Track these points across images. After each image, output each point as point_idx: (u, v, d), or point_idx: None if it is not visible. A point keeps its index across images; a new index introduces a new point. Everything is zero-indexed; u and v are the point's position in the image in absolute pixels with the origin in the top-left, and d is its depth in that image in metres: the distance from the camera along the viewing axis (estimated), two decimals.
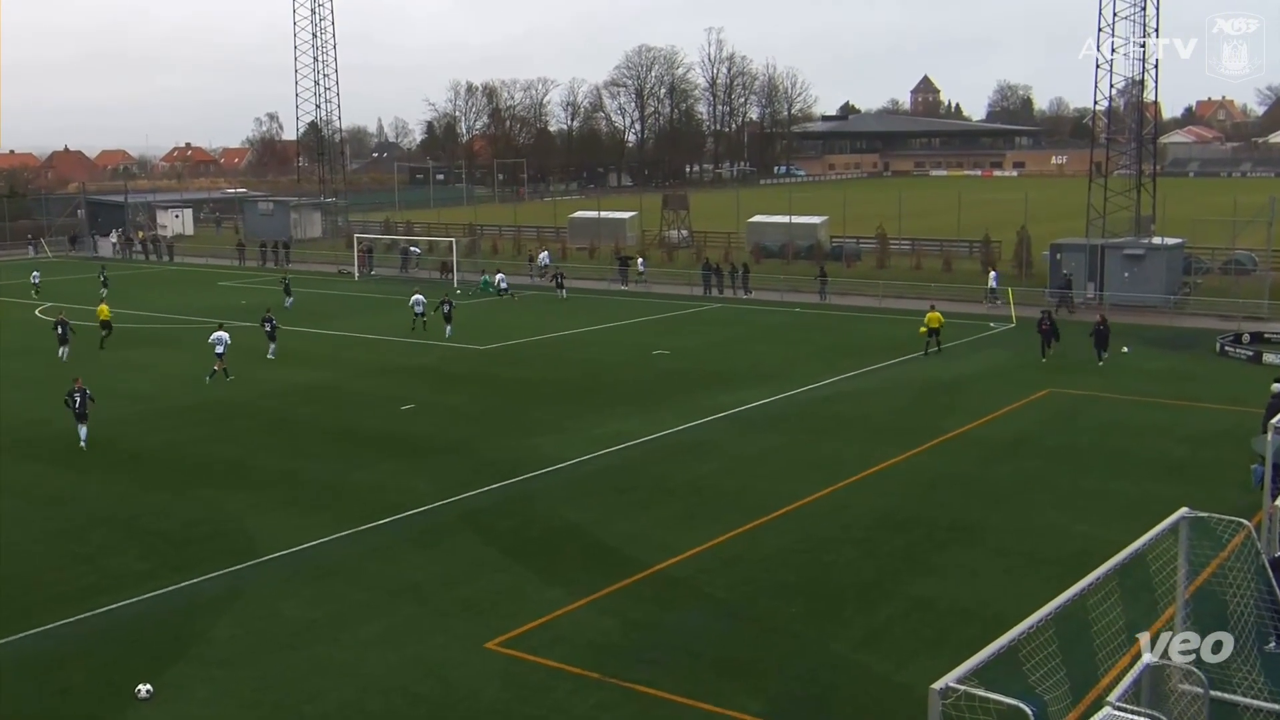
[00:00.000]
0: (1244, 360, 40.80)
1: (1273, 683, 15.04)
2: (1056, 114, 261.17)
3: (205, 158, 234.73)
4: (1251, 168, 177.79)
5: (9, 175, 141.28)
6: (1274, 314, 49.79)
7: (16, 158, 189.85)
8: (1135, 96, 60.05)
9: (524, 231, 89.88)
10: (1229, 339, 42.88)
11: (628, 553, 22.12)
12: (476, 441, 30.56)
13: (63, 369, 39.38)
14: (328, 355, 43.60)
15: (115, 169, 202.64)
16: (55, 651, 18.22)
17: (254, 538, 23.23)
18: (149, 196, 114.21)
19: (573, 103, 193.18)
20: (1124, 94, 60.46)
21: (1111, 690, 13.22)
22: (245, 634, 18.72)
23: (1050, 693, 12.46)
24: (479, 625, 18.86)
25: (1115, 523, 22.91)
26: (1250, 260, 59.11)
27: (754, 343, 46.08)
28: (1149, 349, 43.12)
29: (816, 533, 23.21)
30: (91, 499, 26.11)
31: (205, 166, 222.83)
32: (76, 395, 30.52)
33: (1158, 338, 45.68)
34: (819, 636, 18.46)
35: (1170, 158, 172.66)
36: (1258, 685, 14.76)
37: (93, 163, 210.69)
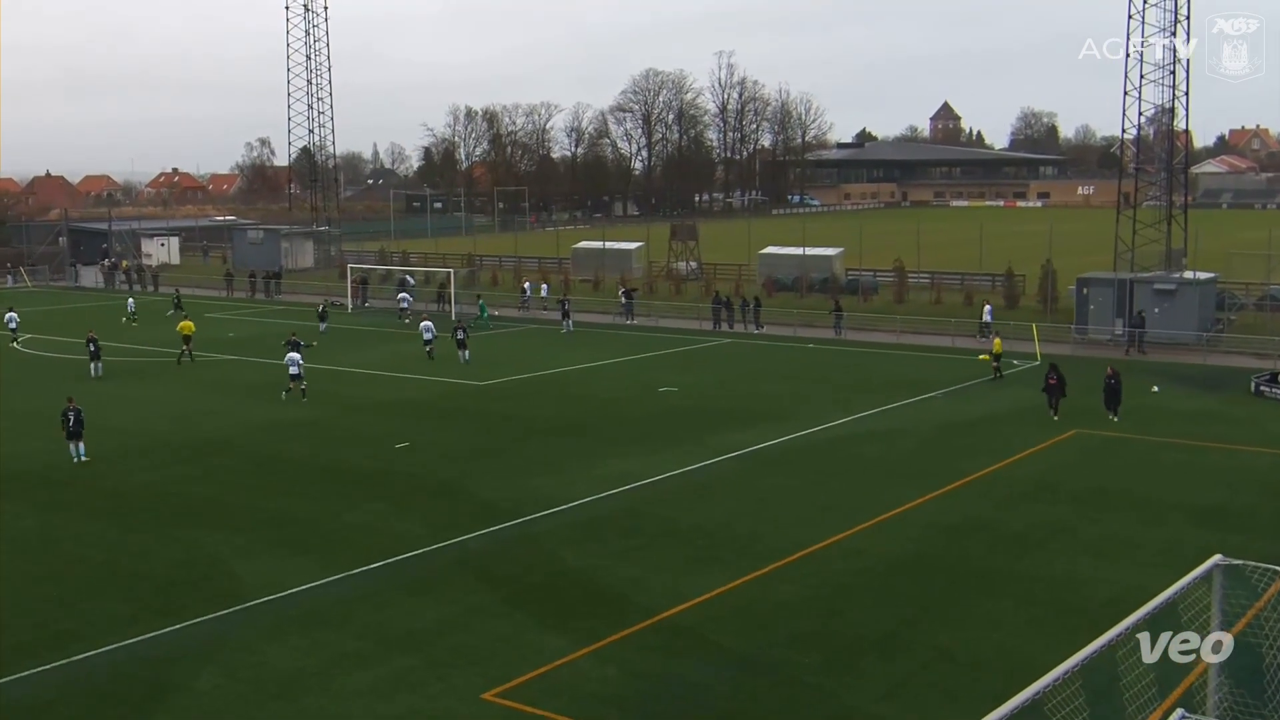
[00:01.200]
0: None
1: None
2: (1083, 142, 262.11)
3: (193, 184, 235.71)
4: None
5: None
6: None
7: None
8: (1165, 125, 60.23)
9: (525, 263, 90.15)
10: (1264, 378, 42.77)
11: (632, 599, 22.08)
12: (474, 481, 30.56)
13: (43, 404, 39.45)
14: (318, 390, 43.61)
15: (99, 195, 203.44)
16: (30, 701, 18.18)
17: (240, 581, 23.21)
18: (134, 224, 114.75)
19: (577, 128, 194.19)
20: (1153, 122, 60.67)
21: None
22: (230, 683, 18.67)
23: None
24: (475, 675, 18.81)
25: (1145, 570, 22.85)
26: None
27: (765, 380, 46.11)
28: (1180, 388, 43.09)
29: (832, 579, 23.16)
30: (70, 539, 26.11)
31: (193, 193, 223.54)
32: (70, 414, 31.91)
33: (1189, 376, 45.67)
34: (835, 689, 18.39)
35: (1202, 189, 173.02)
36: None
37: (75, 188, 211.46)
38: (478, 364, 49.05)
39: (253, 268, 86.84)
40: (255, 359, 51.51)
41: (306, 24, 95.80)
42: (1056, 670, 11.68)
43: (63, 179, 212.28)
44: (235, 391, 43.78)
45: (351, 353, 52.52)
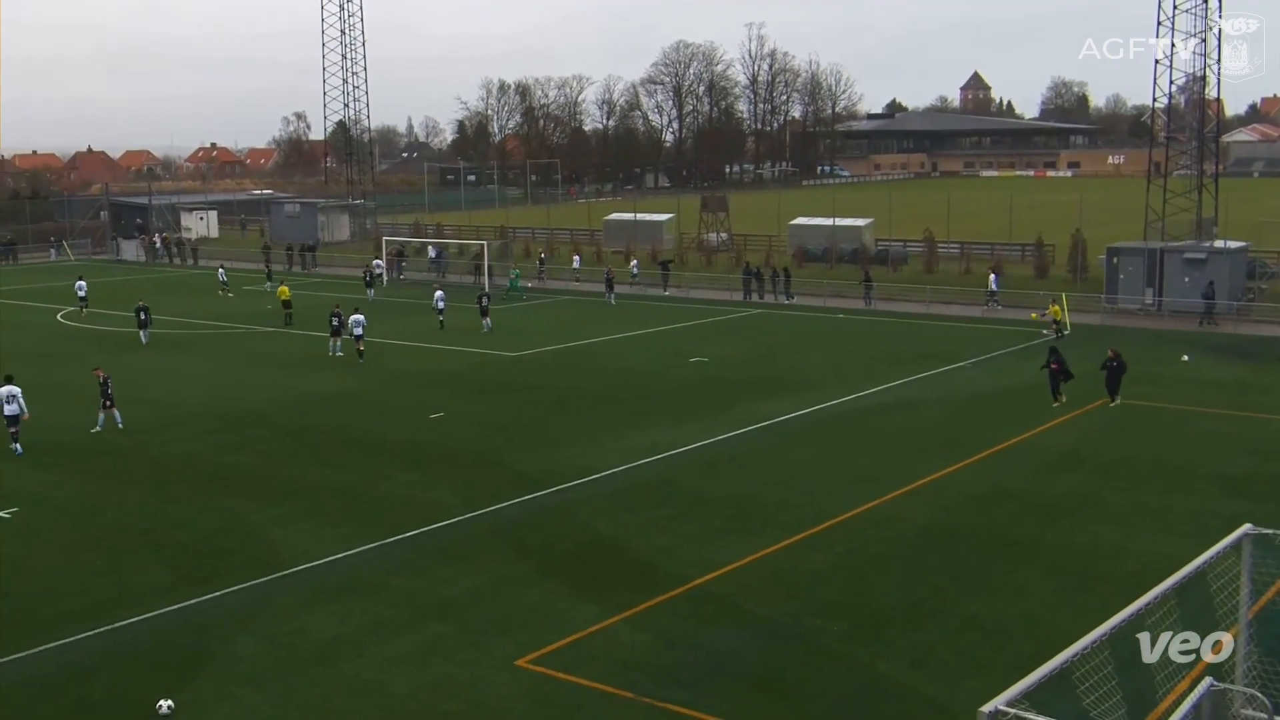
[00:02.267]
0: None
1: None
2: (1113, 111, 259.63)
3: (231, 158, 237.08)
4: None
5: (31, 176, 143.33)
6: None
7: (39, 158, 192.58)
8: (1196, 93, 59.45)
9: (557, 234, 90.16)
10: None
11: (664, 567, 22.09)
12: (507, 451, 30.63)
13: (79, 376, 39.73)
14: (353, 361, 43.81)
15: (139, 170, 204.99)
16: (74, 666, 18.38)
17: (277, 550, 23.37)
18: (173, 198, 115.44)
19: (609, 101, 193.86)
20: (1184, 90, 59.87)
21: (1171, 714, 13.07)
22: (268, 650, 18.82)
23: (1105, 716, 12.33)
24: (509, 643, 18.87)
25: (1174, 539, 22.68)
26: None
27: (796, 350, 45.98)
28: (1211, 357, 42.68)
29: (860, 548, 23.10)
30: (111, 508, 26.35)
31: (231, 167, 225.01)
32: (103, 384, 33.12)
33: (1220, 345, 45.22)
34: (864, 656, 18.35)
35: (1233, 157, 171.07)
36: None
37: (116, 163, 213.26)
38: (511, 334, 49.11)
39: (290, 240, 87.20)
40: (292, 331, 51.78)
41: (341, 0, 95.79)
42: (1085, 639, 11.59)
43: (104, 154, 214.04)
44: (273, 363, 44.01)
45: (387, 323, 52.64)
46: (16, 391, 31.16)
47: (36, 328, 54.31)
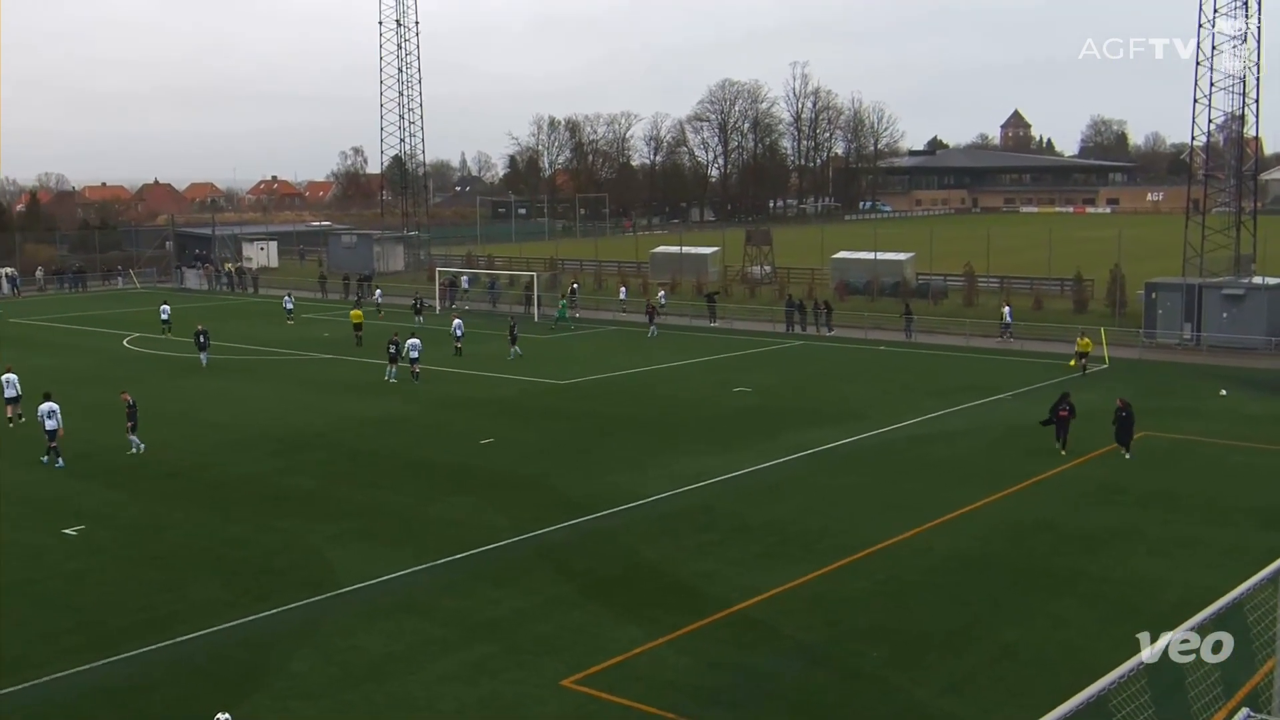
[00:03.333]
0: None
1: None
2: (1152, 149, 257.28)
3: (290, 190, 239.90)
4: None
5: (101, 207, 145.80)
6: None
7: (109, 190, 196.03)
8: (1235, 132, 58.92)
9: (605, 266, 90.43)
10: None
11: (706, 592, 22.07)
12: (554, 477, 30.73)
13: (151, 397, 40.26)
14: (408, 388, 44.12)
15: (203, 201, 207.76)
16: (136, 678, 18.60)
17: (333, 569, 23.55)
18: (235, 229, 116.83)
19: (656, 137, 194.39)
20: (1223, 129, 59.38)
21: None
22: (323, 666, 18.96)
23: None
24: (555, 662, 18.92)
25: (1211, 572, 22.39)
26: None
27: (837, 381, 45.85)
28: (1248, 392, 42.15)
29: (900, 575, 22.98)
30: (174, 527, 26.66)
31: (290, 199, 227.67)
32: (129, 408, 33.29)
33: (1258, 380, 44.64)
34: (902, 682, 18.25)
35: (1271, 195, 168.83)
36: None
37: (181, 195, 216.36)
38: (559, 363, 49.29)
39: (346, 270, 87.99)
40: (349, 358, 52.23)
41: (399, 39, 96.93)
42: (1121, 668, 11.51)
43: (170, 186, 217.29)
44: (330, 389, 44.41)
45: (439, 351, 52.99)
46: (55, 408, 32.31)
47: (105, 352, 55.08)
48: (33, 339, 59.99)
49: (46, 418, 32.24)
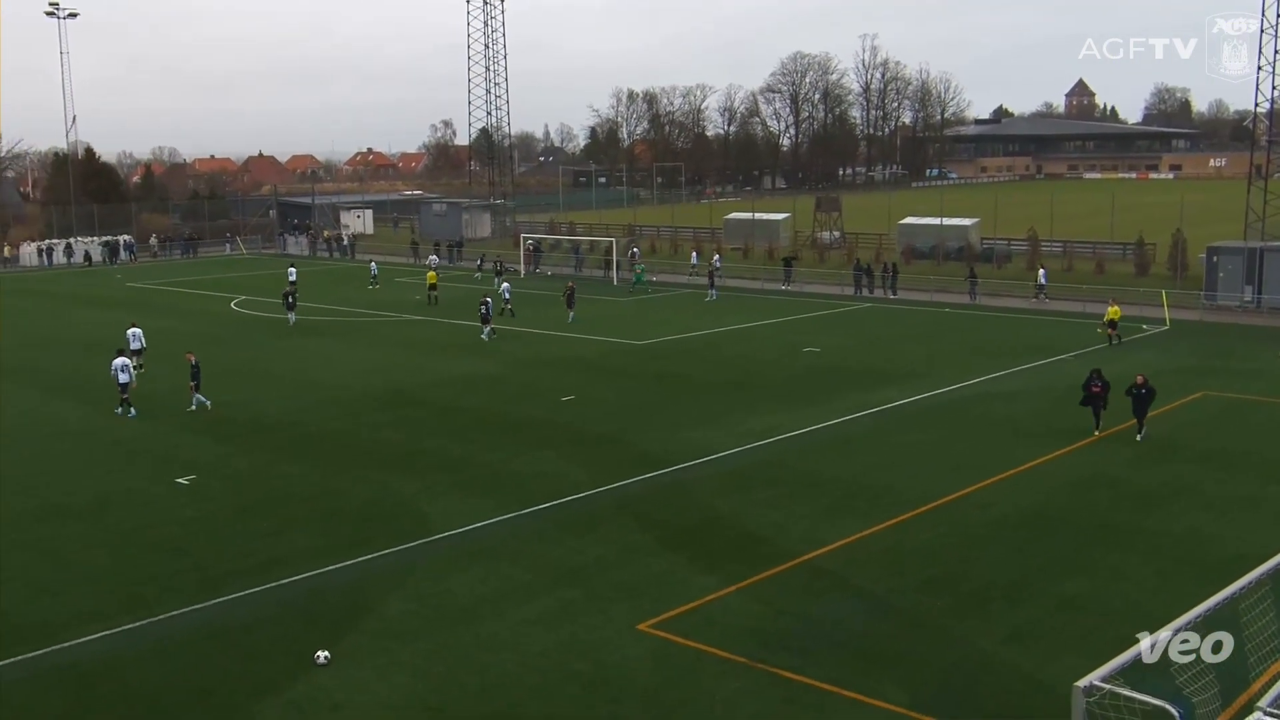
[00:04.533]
0: None
1: None
2: (1216, 116, 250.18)
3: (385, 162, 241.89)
4: None
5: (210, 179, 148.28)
6: None
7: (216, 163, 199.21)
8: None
9: (680, 232, 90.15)
10: None
11: (777, 542, 22.01)
12: (632, 432, 30.77)
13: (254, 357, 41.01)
14: (491, 348, 44.42)
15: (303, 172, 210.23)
16: (244, 618, 18.99)
17: (425, 518, 23.82)
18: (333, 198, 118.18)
19: (729, 108, 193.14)
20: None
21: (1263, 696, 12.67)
22: (416, 609, 19.21)
23: (1199, 695, 11.98)
24: (632, 607, 19.00)
25: (1271, 529, 21.87)
26: None
27: (903, 342, 45.35)
28: None
29: (963, 529, 22.73)
30: (277, 478, 27.11)
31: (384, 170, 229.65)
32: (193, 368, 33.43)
33: None
34: (964, 631, 18.08)
35: None
36: None
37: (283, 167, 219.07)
38: (636, 325, 49.25)
39: (437, 237, 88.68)
40: (440, 320, 52.68)
41: (485, 16, 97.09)
42: (1179, 620, 11.30)
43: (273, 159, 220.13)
44: (422, 348, 44.84)
45: (524, 313, 53.29)
46: (127, 363, 33.93)
47: (214, 315, 56.12)
48: (148, 302, 61.30)
49: (120, 371, 33.43)
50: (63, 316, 56.72)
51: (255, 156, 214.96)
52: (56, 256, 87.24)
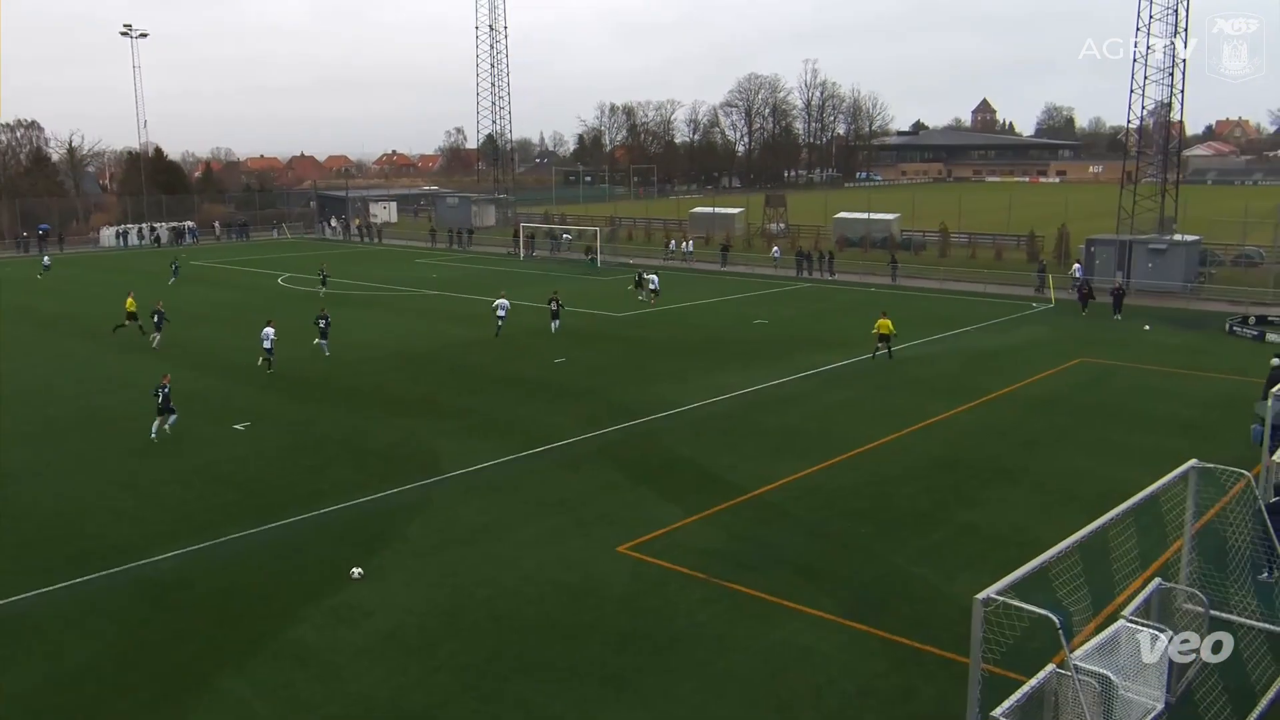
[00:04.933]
0: (1249, 339, 38.89)
1: (1263, 605, 14.52)
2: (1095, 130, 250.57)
3: (406, 161, 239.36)
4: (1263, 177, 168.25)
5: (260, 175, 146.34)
6: (1277, 299, 47.29)
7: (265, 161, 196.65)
8: (1163, 116, 57.34)
9: (653, 223, 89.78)
10: (1237, 320, 40.92)
11: (731, 480, 22.11)
12: (611, 388, 30.75)
13: (298, 323, 40.64)
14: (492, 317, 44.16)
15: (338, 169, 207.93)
16: (292, 540, 18.97)
17: (440, 458, 23.78)
18: (364, 192, 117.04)
19: (695, 120, 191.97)
20: (1153, 114, 57.73)
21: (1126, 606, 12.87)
22: (433, 532, 19.23)
23: (1074, 606, 12.17)
24: (612, 533, 19.07)
25: (1134, 469, 22.10)
26: (1258, 254, 56.56)
27: (837, 315, 45.42)
28: (1167, 327, 41.34)
29: (883, 470, 22.89)
30: (320, 423, 26.98)
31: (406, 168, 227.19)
32: (160, 391, 25.48)
33: (1175, 318, 43.76)
34: (883, 552, 18.25)
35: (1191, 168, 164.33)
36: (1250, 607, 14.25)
37: (322, 165, 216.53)
38: (617, 300, 49.08)
39: (450, 226, 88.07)
40: (452, 294, 52.36)
41: (491, 40, 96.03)
42: (1059, 545, 11.44)
43: (313, 158, 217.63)
44: (439, 318, 44.61)
45: (521, 289, 53.03)
46: (271, 332, 33.28)
47: (264, 290, 55.60)
48: (209, 278, 60.65)
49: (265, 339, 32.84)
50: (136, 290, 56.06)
51: (298, 156, 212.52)
52: (130, 239, 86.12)
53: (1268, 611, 14.43)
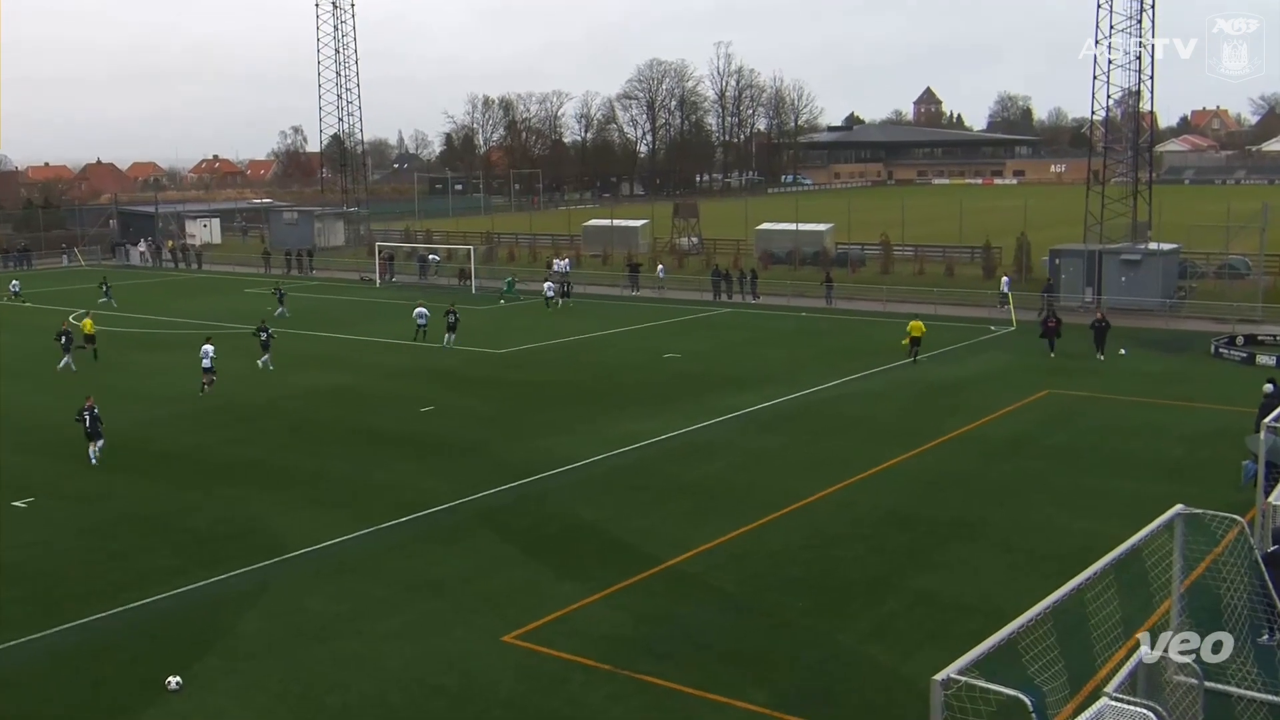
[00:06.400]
0: (1237, 362, 40.63)
1: (1266, 674, 14.94)
2: (1055, 124, 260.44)
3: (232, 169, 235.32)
4: (1245, 175, 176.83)
5: (44, 187, 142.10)
6: (1267, 317, 49.48)
7: (51, 170, 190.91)
8: (1132, 106, 59.73)
9: (539, 240, 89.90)
10: (1223, 341, 42.68)
11: (640, 549, 22.11)
12: (493, 442, 30.57)
13: (89, 373, 39.45)
14: (350, 359, 43.66)
15: (146, 180, 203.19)
16: (87, 645, 18.29)
17: (279, 535, 23.28)
18: (178, 207, 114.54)
19: (586, 115, 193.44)
20: (1121, 104, 60.20)
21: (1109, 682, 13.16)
22: (271, 628, 18.76)
23: (1049, 684, 12.42)
24: (496, 619, 18.87)
25: (1113, 519, 22.77)
26: (1244, 265, 58.86)
27: (762, 346, 46.03)
28: (1145, 351, 42.94)
29: (823, 529, 23.17)
30: (121, 497, 26.18)
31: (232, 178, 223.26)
32: (86, 414, 29.07)
33: (1154, 340, 45.49)
34: (826, 629, 18.43)
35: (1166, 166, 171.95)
36: (1251, 677, 14.65)
37: (124, 174, 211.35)
38: (496, 334, 48.91)
39: (288, 246, 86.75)
40: (293, 330, 51.47)
41: (335, 20, 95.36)
42: (1030, 612, 11.67)
43: (113, 166, 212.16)
44: (275, 361, 43.71)
45: (379, 324, 52.44)
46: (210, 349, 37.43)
47: (48, 329, 53.75)
48: None
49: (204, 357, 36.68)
50: None
51: (93, 164, 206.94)
52: None
53: (1270, 680, 14.90)
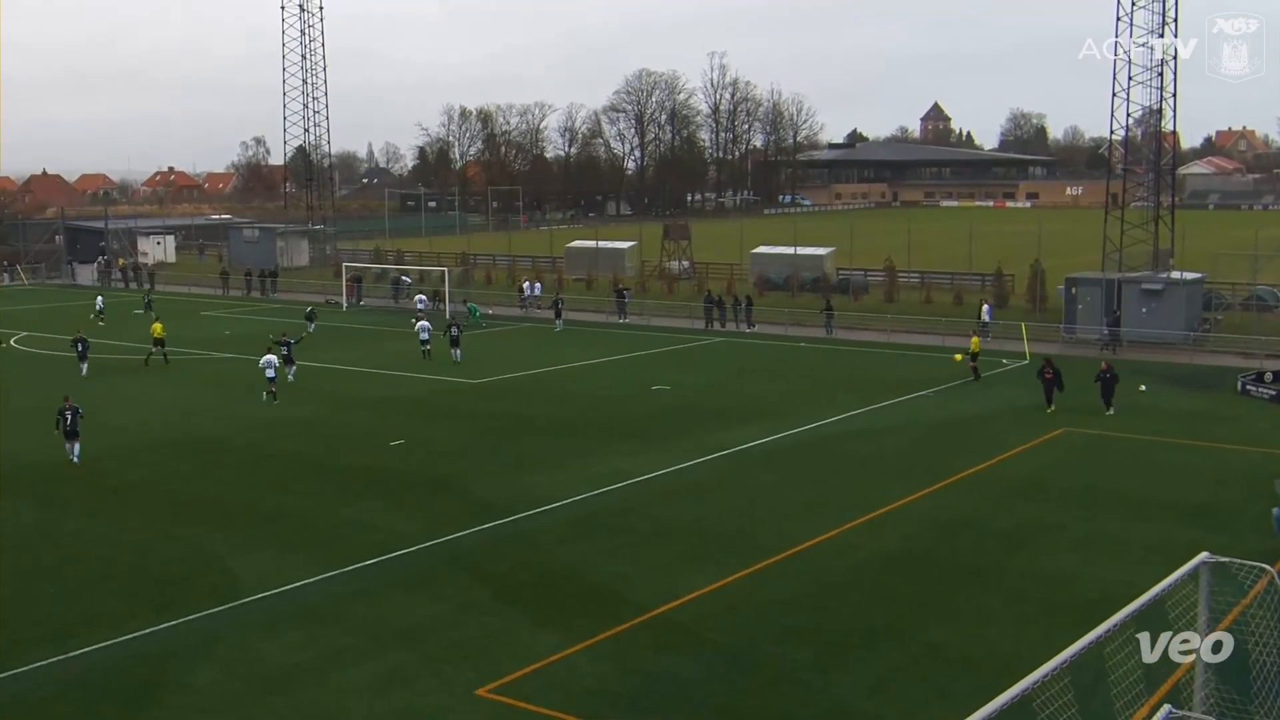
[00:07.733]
0: (1266, 400, 40.76)
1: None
2: (1071, 143, 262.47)
3: (189, 182, 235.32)
4: (1274, 200, 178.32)
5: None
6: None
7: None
8: (1153, 126, 60.11)
9: (519, 261, 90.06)
10: (1250, 378, 42.81)
11: (625, 596, 22.08)
12: (469, 479, 30.54)
13: (38, 401, 39.33)
14: (314, 388, 43.60)
15: (95, 193, 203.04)
16: (27, 696, 18.16)
17: (236, 578, 23.19)
18: (130, 222, 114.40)
19: (570, 128, 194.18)
20: (1141, 123, 60.61)
21: None
22: (226, 679, 18.65)
23: None
24: (469, 671, 18.81)
25: (1133, 567, 22.87)
26: (1272, 295, 59.21)
27: (757, 378, 46.12)
28: (1167, 387, 43.15)
29: (823, 576, 23.18)
30: (68, 536, 26.07)
31: (189, 192, 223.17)
32: (68, 413, 32.13)
33: (1176, 376, 45.73)
34: (825, 684, 18.41)
35: (1189, 190, 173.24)
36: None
37: (72, 187, 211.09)
38: (472, 362, 48.98)
39: (249, 266, 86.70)
40: (252, 356, 51.34)
41: (302, 24, 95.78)
42: (1044, 667, 11.68)
43: (59, 177, 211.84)
44: (233, 389, 43.70)
45: (347, 350, 52.44)
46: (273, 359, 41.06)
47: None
48: None
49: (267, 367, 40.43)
50: None
51: (38, 175, 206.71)
52: None
53: None
